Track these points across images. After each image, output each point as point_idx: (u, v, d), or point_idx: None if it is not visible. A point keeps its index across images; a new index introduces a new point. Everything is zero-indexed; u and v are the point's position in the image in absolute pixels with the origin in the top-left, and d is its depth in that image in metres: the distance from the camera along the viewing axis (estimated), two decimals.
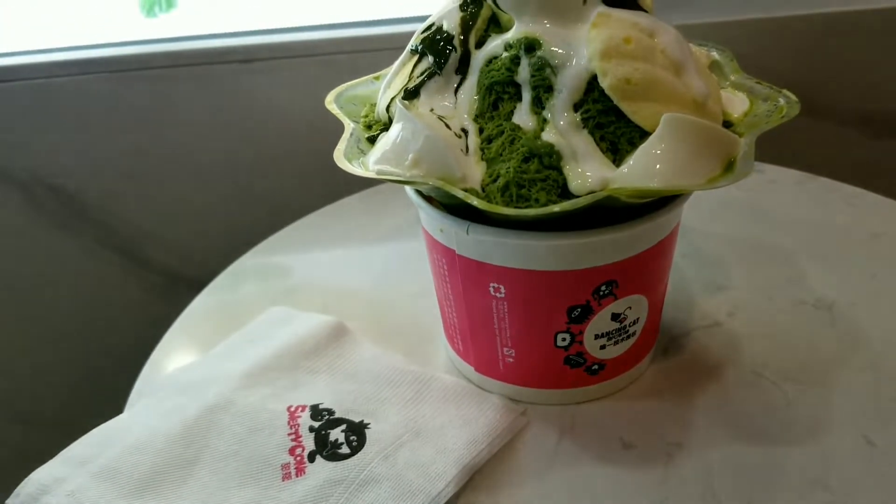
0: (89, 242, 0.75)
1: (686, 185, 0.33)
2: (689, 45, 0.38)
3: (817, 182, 0.62)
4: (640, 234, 0.37)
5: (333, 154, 0.37)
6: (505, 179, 0.35)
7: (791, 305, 0.49)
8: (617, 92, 0.34)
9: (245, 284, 0.57)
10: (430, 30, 0.40)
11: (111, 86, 0.69)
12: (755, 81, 0.41)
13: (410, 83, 0.39)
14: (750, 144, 0.35)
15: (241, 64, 0.69)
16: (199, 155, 0.73)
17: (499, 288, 0.39)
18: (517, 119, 0.36)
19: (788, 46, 0.73)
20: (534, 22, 0.36)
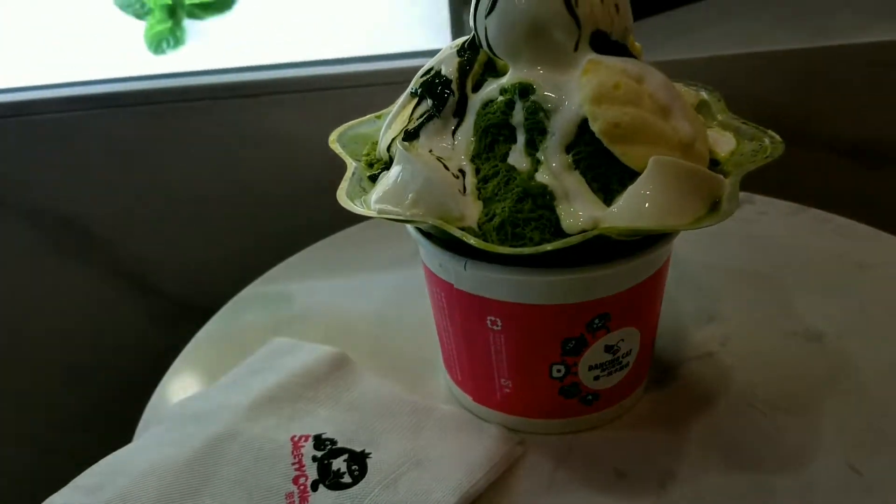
0: (97, 271, 0.77)
1: (673, 224, 0.35)
2: (676, 88, 0.40)
3: (809, 213, 0.64)
4: (630, 269, 0.38)
5: (336, 193, 0.39)
6: (500, 218, 0.36)
7: (781, 336, 0.50)
8: (607, 135, 0.36)
9: (250, 314, 0.58)
10: (429, 74, 0.42)
11: (120, 120, 0.71)
12: (741, 122, 0.43)
13: (410, 125, 0.41)
14: (734, 185, 0.36)
15: (247, 98, 0.71)
16: (205, 186, 0.75)
17: (496, 321, 0.40)
18: (512, 160, 0.38)
19: (782, 79, 0.75)
20: (528, 68, 0.38)
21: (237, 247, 0.77)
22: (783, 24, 0.81)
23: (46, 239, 0.75)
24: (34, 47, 0.71)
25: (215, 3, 0.70)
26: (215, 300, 0.60)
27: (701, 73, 0.73)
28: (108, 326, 0.80)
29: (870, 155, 0.78)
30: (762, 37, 0.78)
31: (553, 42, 0.37)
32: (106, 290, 0.78)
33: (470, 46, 0.41)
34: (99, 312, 0.79)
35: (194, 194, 0.75)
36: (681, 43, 0.77)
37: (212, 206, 0.76)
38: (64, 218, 0.74)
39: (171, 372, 0.53)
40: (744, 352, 0.49)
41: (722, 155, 0.41)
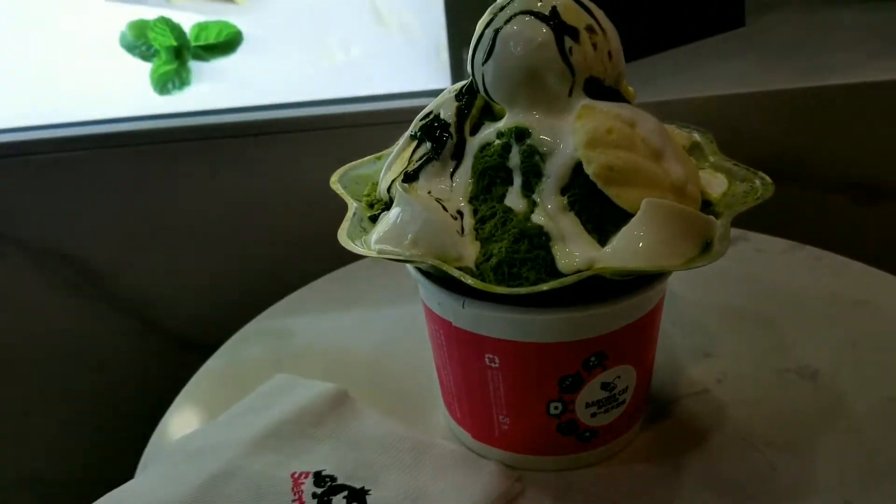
0: (98, 308, 0.78)
1: (666, 265, 0.36)
2: (668, 132, 0.41)
3: (804, 251, 0.64)
4: (625, 308, 0.39)
5: (338, 234, 0.40)
6: (497, 259, 0.37)
7: (776, 373, 0.51)
8: (601, 178, 0.37)
9: (252, 349, 0.59)
10: (428, 118, 0.43)
11: (123, 159, 0.72)
12: (733, 163, 0.44)
13: (410, 167, 0.42)
14: (725, 226, 0.37)
15: (250, 137, 0.72)
16: (207, 223, 0.76)
17: (493, 358, 0.41)
18: (509, 201, 0.39)
19: (775, 118, 0.77)
20: (524, 113, 0.39)
21: (238, 283, 0.78)
22: (775, 64, 0.83)
23: (47, 276, 0.76)
24: (43, 87, 0.73)
25: (220, 45, 0.72)
26: (216, 336, 0.61)
27: (696, 113, 0.75)
28: (109, 363, 0.81)
29: (862, 191, 0.79)
30: (755, 77, 0.80)
31: (548, 88, 0.39)
32: (107, 326, 0.79)
33: (468, 91, 0.42)
34: (100, 349, 0.80)
35: (196, 231, 0.76)
36: (675, 83, 0.78)
37: (213, 243, 0.77)
38: (66, 255, 0.75)
39: (172, 408, 0.53)
40: (739, 389, 0.49)
41: (714, 196, 0.42)
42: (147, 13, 0.72)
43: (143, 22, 0.71)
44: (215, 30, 0.72)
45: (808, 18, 0.98)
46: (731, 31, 0.93)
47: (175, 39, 0.72)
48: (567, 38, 0.38)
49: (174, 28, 0.72)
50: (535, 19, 0.38)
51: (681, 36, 0.88)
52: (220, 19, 0.72)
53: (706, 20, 0.90)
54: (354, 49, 0.74)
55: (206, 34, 0.72)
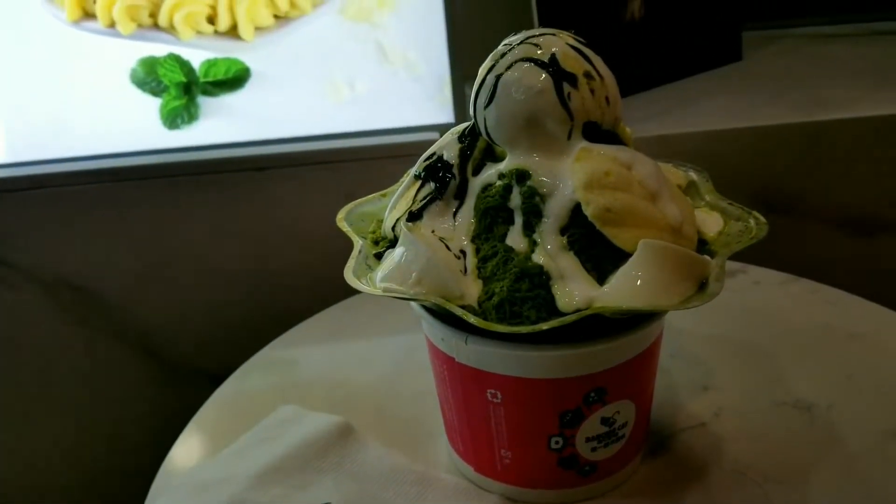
0: (108, 338, 0.79)
1: (662, 304, 0.37)
2: (664, 174, 0.42)
3: (800, 283, 0.66)
4: (623, 345, 0.40)
5: (343, 271, 0.41)
6: (499, 297, 0.38)
7: (772, 406, 0.52)
8: (599, 219, 0.38)
9: (258, 380, 0.59)
10: (431, 158, 0.44)
11: (133, 192, 0.74)
12: (728, 202, 0.45)
13: (414, 206, 0.43)
14: (720, 266, 0.38)
15: (257, 172, 0.74)
16: (214, 255, 0.77)
17: (496, 394, 0.42)
18: (510, 241, 0.40)
19: (772, 152, 0.78)
20: (524, 155, 0.41)
21: (245, 314, 0.79)
22: (771, 98, 0.85)
23: (59, 306, 0.77)
24: (56, 121, 0.75)
25: (228, 81, 0.74)
26: (223, 366, 0.62)
27: (694, 147, 0.76)
28: (118, 392, 0.82)
29: (858, 225, 0.80)
30: (752, 111, 0.81)
31: (548, 132, 0.40)
32: (116, 356, 0.80)
33: (470, 133, 0.43)
34: (109, 379, 0.81)
35: (204, 263, 0.77)
36: (673, 117, 0.80)
37: (221, 275, 0.78)
38: (77, 286, 0.76)
39: (180, 440, 0.54)
40: (736, 422, 0.50)
41: (709, 235, 0.43)
42: (157, 50, 0.73)
43: (153, 59, 0.73)
44: (224, 66, 0.73)
45: (804, 52, 1.00)
46: (729, 65, 0.94)
47: (184, 76, 0.73)
48: (566, 84, 0.39)
49: (184, 65, 0.73)
50: (535, 66, 0.40)
51: (679, 70, 0.90)
52: (228, 56, 0.74)
53: (704, 55, 0.92)
54: (360, 85, 0.76)
55: (215, 71, 0.73)
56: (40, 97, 0.74)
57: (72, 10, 0.72)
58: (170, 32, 0.72)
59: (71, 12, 0.72)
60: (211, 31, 0.73)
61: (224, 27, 0.73)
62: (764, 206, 0.79)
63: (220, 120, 0.75)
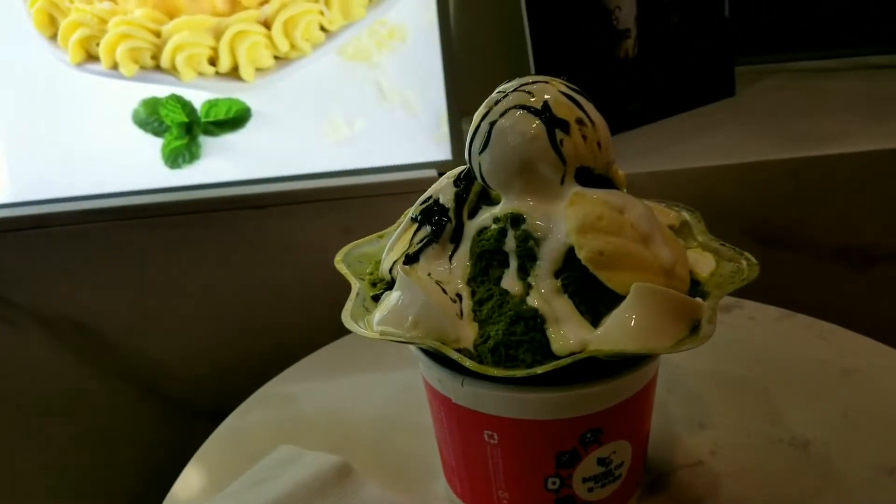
0: (112, 378, 0.79)
1: (655, 347, 0.37)
2: (656, 217, 0.43)
3: (795, 319, 0.66)
4: (619, 386, 0.41)
5: (341, 315, 0.42)
6: (494, 341, 0.39)
7: (768, 443, 0.52)
8: (592, 262, 0.39)
9: (259, 418, 0.60)
10: (428, 202, 0.45)
11: (135, 231, 0.74)
12: (720, 243, 0.46)
13: (411, 249, 0.44)
14: (713, 308, 0.39)
15: (258, 209, 0.75)
16: (216, 293, 0.78)
17: (492, 435, 0.42)
18: (505, 284, 0.41)
19: (764, 187, 0.79)
20: (518, 199, 0.41)
21: (245, 351, 0.79)
22: (765, 133, 0.86)
23: (62, 345, 0.77)
24: (57, 162, 0.76)
25: (229, 121, 0.75)
26: (223, 404, 0.62)
27: (688, 183, 0.77)
28: (119, 431, 0.82)
29: (852, 258, 0.81)
30: (746, 147, 0.82)
31: (541, 177, 0.41)
32: (118, 395, 0.80)
33: (465, 177, 0.44)
34: (111, 417, 0.81)
35: (206, 301, 0.78)
36: (668, 154, 0.81)
37: (223, 312, 0.79)
38: (80, 324, 0.77)
39: (181, 477, 0.54)
40: (733, 460, 0.50)
41: (702, 275, 0.44)
42: (159, 91, 0.74)
43: (155, 99, 0.74)
44: (225, 106, 0.75)
45: (797, 87, 1.01)
46: (722, 100, 0.96)
47: (186, 116, 0.74)
48: (558, 130, 0.40)
49: (185, 105, 0.74)
50: (528, 113, 0.41)
51: (672, 106, 0.91)
52: (229, 96, 0.75)
53: (697, 91, 0.94)
54: (358, 123, 0.77)
55: (216, 111, 0.75)
56: (44, 137, 0.75)
57: (75, 52, 0.73)
58: (172, 74, 0.74)
59: (74, 55, 0.73)
60: (212, 73, 0.74)
61: (225, 68, 0.74)
62: (758, 241, 0.80)
63: (222, 159, 0.76)
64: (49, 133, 0.75)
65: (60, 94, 0.75)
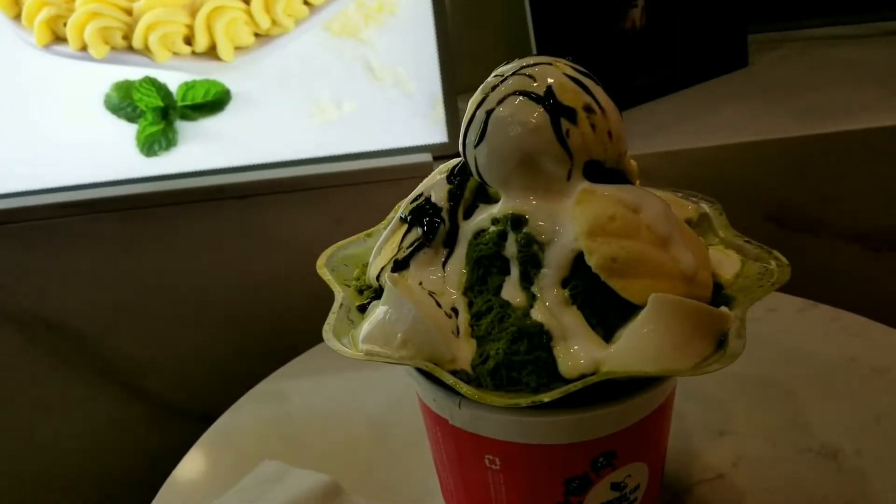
0: (89, 377, 0.75)
1: (677, 368, 0.33)
2: (675, 214, 0.38)
3: (818, 310, 0.62)
4: (633, 406, 0.36)
5: (323, 330, 0.37)
6: (495, 361, 0.34)
7: (795, 453, 0.48)
8: (604, 270, 0.34)
9: (250, 422, 0.57)
10: (418, 200, 0.40)
11: (109, 224, 0.70)
12: (744, 240, 0.41)
13: (400, 254, 0.39)
14: (741, 320, 0.35)
15: (241, 199, 0.70)
16: (199, 289, 0.74)
17: (494, 460, 0.38)
18: (506, 294, 0.36)
19: (785, 165, 0.74)
20: (520, 197, 0.37)
21: (231, 349, 0.76)
22: (780, 108, 0.81)
23: (35, 345, 0.74)
24: (25, 152, 0.71)
25: (208, 104, 0.70)
26: (210, 404, 0.59)
27: (702, 163, 0.73)
28: (101, 433, 0.78)
29: (876, 239, 0.76)
30: (762, 123, 0.77)
31: (545, 173, 0.36)
32: (97, 395, 0.76)
33: (460, 172, 0.40)
34: (91, 419, 0.77)
35: (188, 297, 0.74)
36: (680, 131, 0.76)
37: (206, 309, 0.75)
38: (55, 324, 0.73)
39: (169, 481, 0.51)
40: (756, 472, 0.47)
41: (726, 277, 0.39)
42: (132, 73, 0.70)
43: (128, 83, 0.70)
44: (202, 89, 0.70)
45: (812, 56, 0.96)
46: (735, 71, 0.90)
47: (161, 100, 0.70)
48: (564, 120, 0.36)
49: (160, 88, 0.70)
50: (529, 100, 0.36)
51: (683, 79, 0.86)
52: (207, 78, 0.70)
53: (709, 62, 0.88)
54: (347, 105, 0.72)
55: (193, 93, 0.70)
56: (9, 126, 0.71)
57: (41, 33, 0.68)
58: (145, 55, 0.69)
59: (40, 36, 0.68)
60: (188, 52, 0.69)
61: (202, 48, 0.69)
62: (778, 223, 0.75)
63: (200, 145, 0.72)
64: (14, 121, 0.71)
65: (26, 78, 0.70)
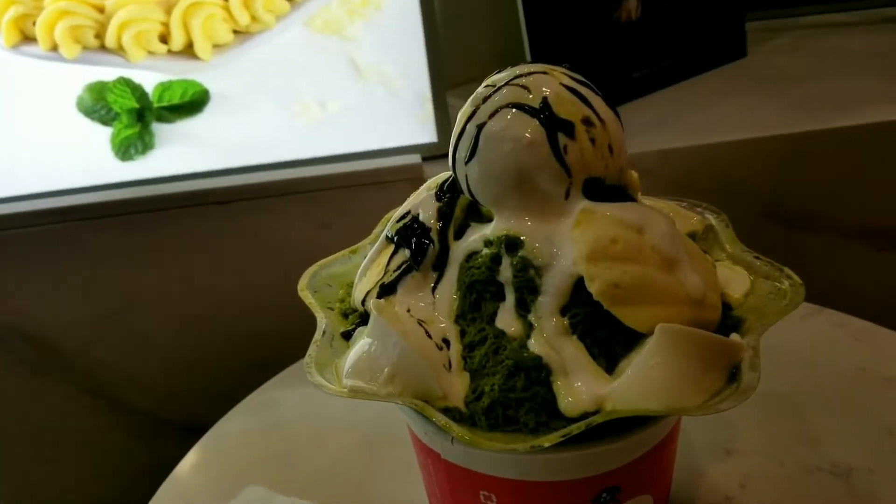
0: (67, 389, 0.73)
1: (686, 405, 0.31)
2: (680, 232, 0.36)
3: (823, 315, 0.59)
4: (639, 440, 0.34)
5: (304, 363, 0.35)
6: (490, 399, 0.32)
7: (805, 473, 0.46)
8: (606, 298, 0.32)
9: (237, 438, 0.55)
10: (405, 219, 0.38)
11: (85, 232, 0.68)
12: (754, 255, 0.39)
13: (386, 278, 0.37)
14: (755, 349, 0.32)
15: (223, 205, 0.68)
16: (180, 297, 0.72)
17: (490, 496, 0.36)
18: (500, 322, 0.34)
19: (786, 163, 0.72)
20: (514, 217, 0.34)
21: (214, 360, 0.74)
22: (780, 101, 0.78)
23: (10, 356, 0.71)
24: None
25: (185, 105, 0.68)
26: (194, 415, 0.57)
27: (701, 161, 0.70)
28: (84, 445, 0.76)
29: (880, 236, 0.74)
30: (761, 118, 0.75)
31: (541, 192, 0.34)
32: (76, 408, 0.74)
33: (449, 188, 0.37)
34: (70, 431, 0.75)
35: (166, 307, 0.72)
36: (679, 127, 0.73)
37: (189, 319, 0.73)
38: (29, 335, 0.71)
39: (157, 497, 0.49)
40: (765, 494, 0.45)
41: (735, 297, 0.37)
42: (106, 74, 0.68)
43: (101, 84, 0.68)
44: (179, 89, 0.68)
45: (812, 45, 0.93)
46: (733, 62, 0.87)
47: (136, 101, 0.68)
48: (561, 134, 0.33)
49: (135, 89, 0.68)
50: (523, 113, 0.33)
51: (680, 72, 0.83)
52: (184, 78, 0.68)
53: (706, 53, 0.85)
54: (332, 104, 0.70)
55: (170, 94, 0.68)
56: None
57: (9, 33, 0.66)
58: (118, 54, 0.67)
59: (8, 36, 0.66)
60: (164, 51, 0.68)
61: (178, 46, 0.67)
62: (780, 221, 0.73)
63: (178, 149, 0.70)
64: None
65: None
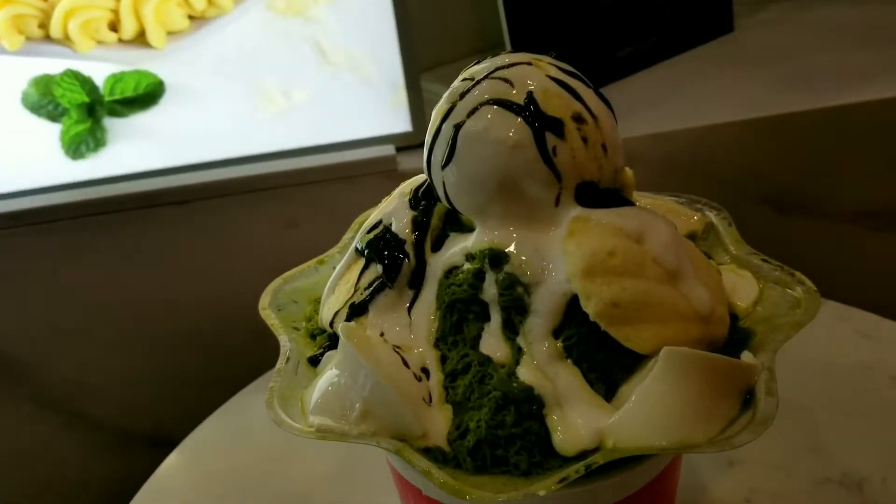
0: (26, 404, 0.69)
1: (696, 441, 0.27)
2: (682, 239, 0.32)
3: (826, 308, 0.55)
4: (640, 472, 0.31)
5: (265, 399, 0.31)
6: (475, 437, 0.28)
7: (814, 484, 0.43)
8: (604, 318, 0.28)
9: (206, 457, 0.52)
10: (376, 229, 0.34)
11: (36, 237, 0.64)
12: (761, 258, 0.35)
13: (357, 296, 0.33)
14: (770, 372, 0.29)
15: (183, 205, 0.64)
16: (140, 305, 0.68)
17: None
18: (486, 347, 0.30)
19: (780, 145, 0.69)
20: (498, 228, 0.31)
21: (182, 370, 0.70)
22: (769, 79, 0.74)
23: None
24: None
25: (139, 98, 0.64)
26: (158, 426, 0.53)
27: (694, 144, 0.67)
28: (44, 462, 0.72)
29: (878, 218, 0.71)
30: (751, 97, 0.71)
31: (528, 199, 0.30)
32: (38, 423, 0.70)
33: (425, 194, 0.33)
34: (32, 447, 0.71)
35: (125, 316, 0.68)
36: (668, 108, 0.70)
37: (150, 327, 0.69)
38: None
39: None
40: None
41: (742, 306, 0.34)
42: (52, 66, 0.63)
43: (47, 77, 0.64)
44: (132, 81, 0.64)
45: (801, 18, 0.90)
46: (720, 37, 0.84)
47: (86, 95, 0.65)
48: (550, 134, 0.29)
49: (84, 82, 0.64)
50: (506, 111, 0.29)
51: (667, 49, 0.79)
52: (136, 69, 0.64)
53: (693, 29, 0.82)
54: (297, 93, 0.66)
55: (122, 86, 0.65)
56: None
57: None
58: (65, 44, 0.63)
59: None
60: (114, 40, 0.64)
61: (129, 34, 0.64)
62: (775, 206, 0.70)
63: (133, 145, 0.66)
64: None
65: None
